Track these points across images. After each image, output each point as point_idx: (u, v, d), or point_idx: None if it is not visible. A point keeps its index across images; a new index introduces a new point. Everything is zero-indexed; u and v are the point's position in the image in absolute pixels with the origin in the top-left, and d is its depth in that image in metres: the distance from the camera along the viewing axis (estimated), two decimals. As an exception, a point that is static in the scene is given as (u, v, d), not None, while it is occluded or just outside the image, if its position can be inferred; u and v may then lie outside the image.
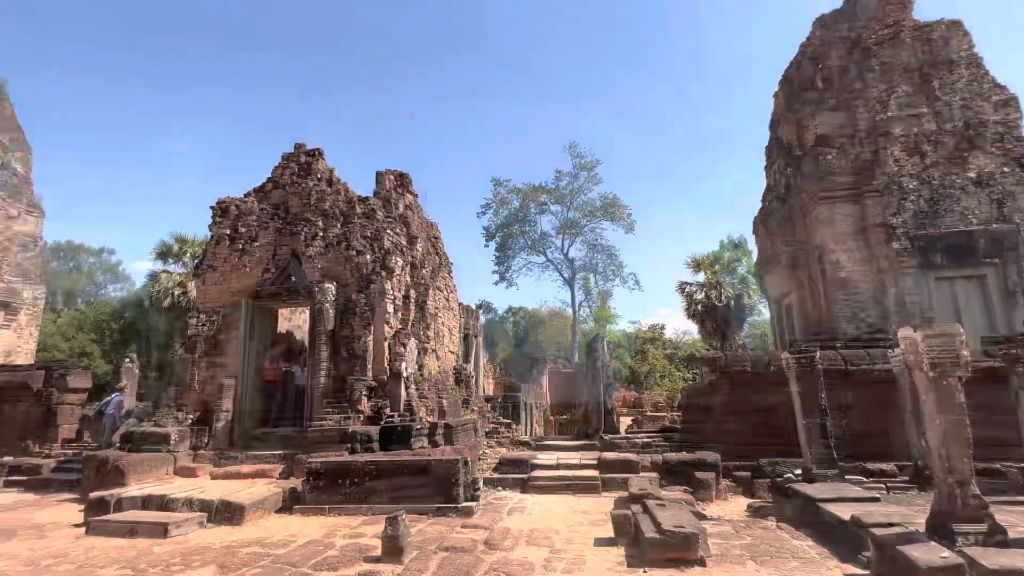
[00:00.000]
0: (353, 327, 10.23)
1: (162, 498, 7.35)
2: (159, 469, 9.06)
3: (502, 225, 38.77)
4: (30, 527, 7.35)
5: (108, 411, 11.60)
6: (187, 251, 31.46)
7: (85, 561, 5.70)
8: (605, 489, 9.16)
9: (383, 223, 11.23)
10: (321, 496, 7.78)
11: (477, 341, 16.73)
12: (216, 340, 10.63)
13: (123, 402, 11.74)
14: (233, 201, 11.60)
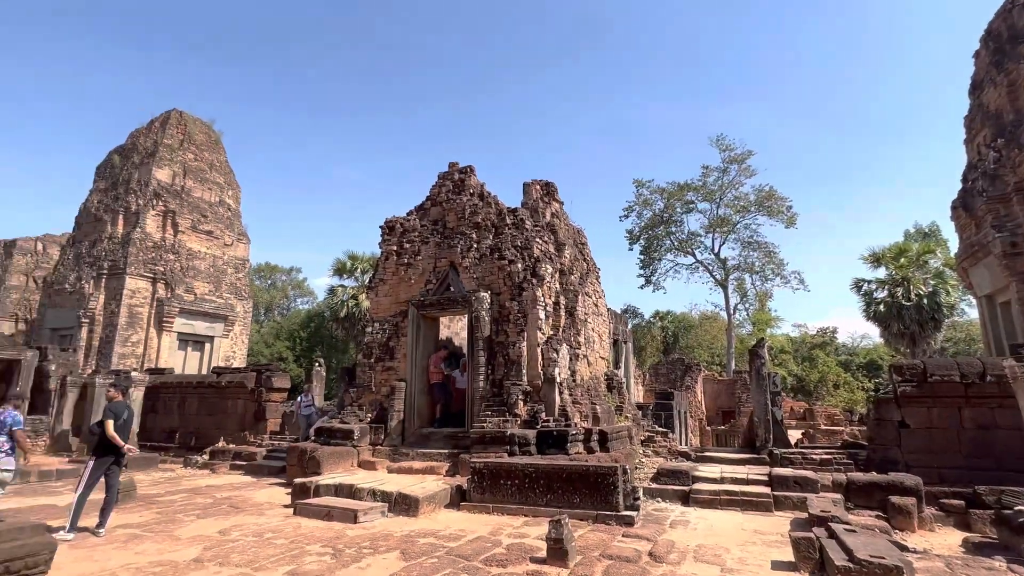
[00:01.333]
0: (508, 333, 10.65)
1: (350, 487, 8.27)
2: (346, 461, 10.22)
3: (646, 227, 37.72)
4: (251, 505, 8.72)
5: (303, 409, 13.36)
6: (358, 267, 35.22)
7: (295, 537, 6.61)
8: (778, 508, 8.41)
9: (532, 232, 11.56)
10: (485, 495, 8.16)
11: (627, 347, 16.42)
12: (388, 346, 11.75)
13: (313, 400, 13.49)
14: (398, 220, 12.75)
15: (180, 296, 25.00)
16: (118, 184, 26.49)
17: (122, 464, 7.21)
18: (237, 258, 29.06)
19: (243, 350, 28.20)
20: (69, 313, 23.77)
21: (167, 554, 5.91)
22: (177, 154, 27.46)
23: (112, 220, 25.39)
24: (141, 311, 23.99)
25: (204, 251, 27.17)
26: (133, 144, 27.81)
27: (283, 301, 50.31)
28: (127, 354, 23.14)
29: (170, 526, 7.21)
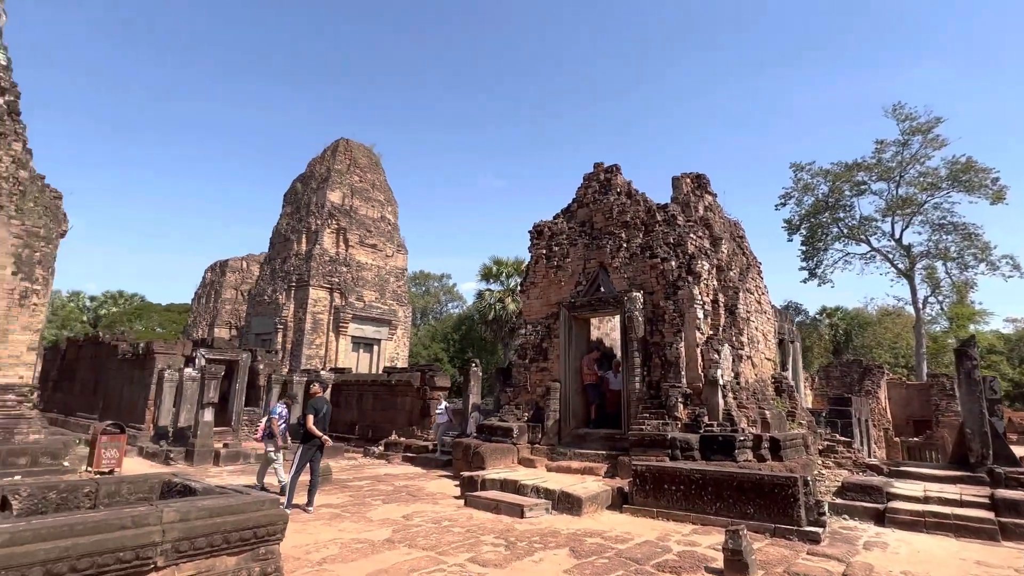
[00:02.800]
0: (663, 334, 10.32)
1: (515, 483, 8.60)
2: (507, 457, 10.65)
3: (808, 214, 34.20)
4: (426, 494, 9.47)
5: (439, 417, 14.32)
6: (503, 271, 36.58)
7: (470, 527, 7.04)
8: (1006, 537, 7.09)
9: (684, 228, 11.09)
10: (648, 499, 7.99)
11: (794, 347, 15.01)
12: (541, 347, 12.04)
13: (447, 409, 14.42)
14: (546, 224, 13.02)
15: (352, 304, 27.99)
16: (300, 208, 30.44)
17: (323, 452, 8.27)
18: (397, 268, 31.77)
19: (405, 352, 30.72)
20: (268, 320, 27.81)
21: (364, 533, 6.64)
22: (345, 177, 30.81)
23: (297, 239, 29.23)
24: (322, 317, 27.28)
25: (370, 263, 30.12)
26: (311, 172, 31.76)
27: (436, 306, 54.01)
28: (312, 355, 26.46)
29: (362, 508, 8.09)
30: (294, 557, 5.48)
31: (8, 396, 10.10)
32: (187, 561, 3.95)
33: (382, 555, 5.73)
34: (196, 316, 37.17)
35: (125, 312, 46.23)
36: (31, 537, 3.26)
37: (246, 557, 4.31)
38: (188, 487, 5.03)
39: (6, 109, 11.56)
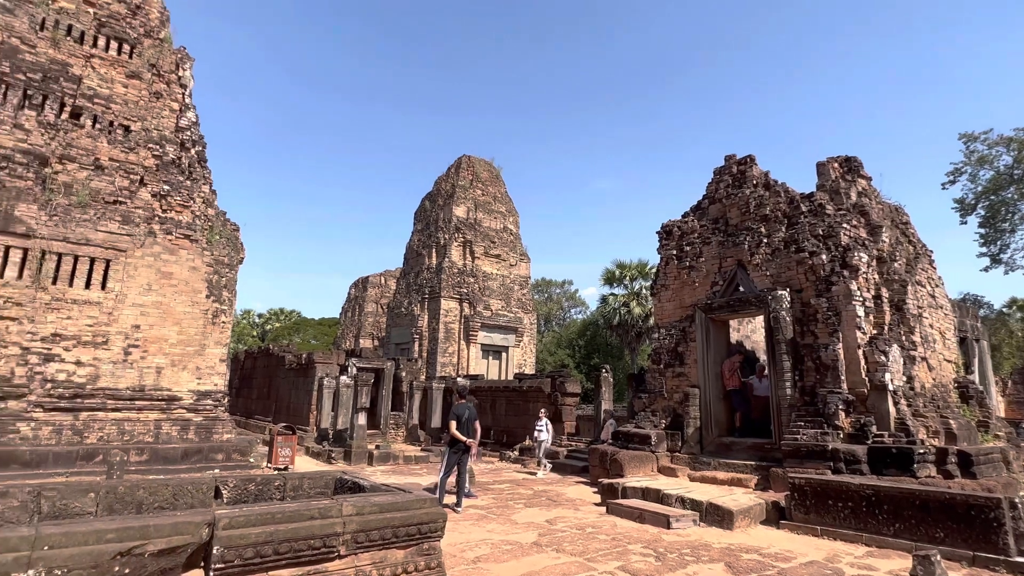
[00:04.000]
0: (816, 334, 9.43)
1: (657, 492, 8.33)
2: (646, 465, 10.36)
3: (986, 191, 29.39)
4: (566, 500, 9.51)
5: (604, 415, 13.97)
6: (626, 275, 35.83)
7: (615, 535, 6.93)
8: None
9: (835, 217, 10.07)
10: (809, 515, 7.31)
11: (980, 346, 12.93)
12: (677, 352, 11.58)
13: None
14: (674, 223, 12.54)
15: (480, 312, 29.07)
16: (429, 224, 32.33)
17: (469, 455, 8.61)
18: (520, 276, 32.47)
19: (531, 358, 31.22)
20: (406, 331, 29.79)
21: (511, 535, 6.82)
22: (468, 192, 32.19)
23: (428, 254, 31.06)
24: (453, 327, 28.66)
25: (495, 272, 31.11)
26: (437, 189, 33.63)
27: (559, 312, 54.29)
28: (446, 363, 27.87)
29: (506, 511, 8.33)
30: (450, 554, 5.77)
31: (207, 401, 11.86)
32: (364, 552, 4.33)
33: (532, 557, 5.84)
34: (344, 328, 40.92)
35: (286, 327, 52.25)
36: (243, 522, 3.78)
37: (412, 551, 4.62)
38: (357, 484, 5.52)
39: (196, 159, 13.67)
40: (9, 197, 10.52)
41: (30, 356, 10.34)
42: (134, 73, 13.15)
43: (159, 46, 13.76)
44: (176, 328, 11.78)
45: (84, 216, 11.16)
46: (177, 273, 11.98)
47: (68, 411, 10.45)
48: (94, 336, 10.94)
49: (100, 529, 3.20)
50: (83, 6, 12.89)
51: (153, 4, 14.15)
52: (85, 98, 12.31)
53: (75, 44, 12.52)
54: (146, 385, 11.28)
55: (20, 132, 11.23)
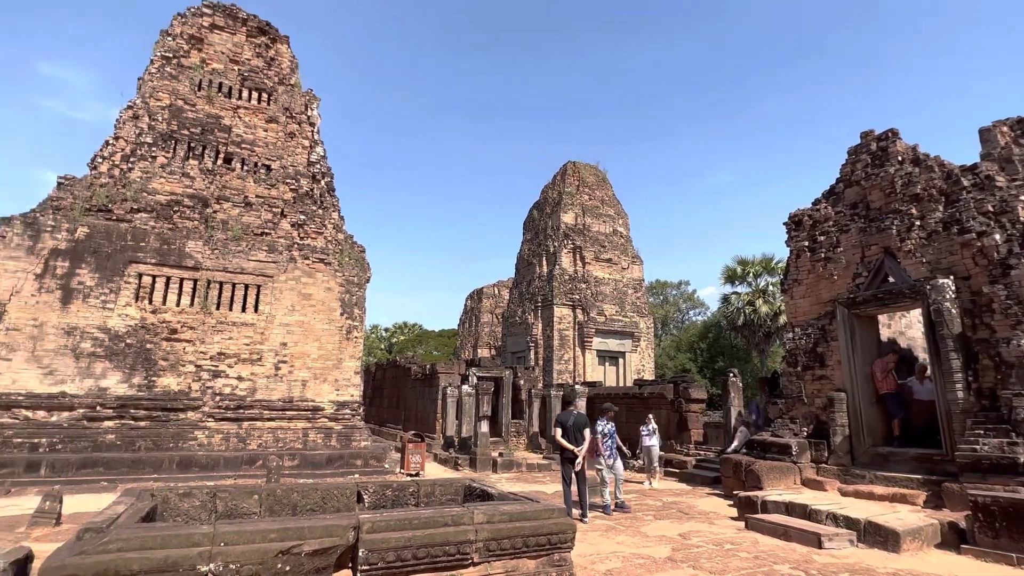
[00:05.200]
0: (993, 327, 8.08)
1: (804, 507, 7.58)
2: (787, 478, 9.51)
3: None
4: (698, 512, 8.98)
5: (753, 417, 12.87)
6: (749, 271, 33.55)
7: (758, 553, 6.39)
8: None
9: (1008, 189, 8.61)
10: (1000, 540, 6.23)
11: None
12: (816, 352, 10.54)
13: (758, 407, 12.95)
14: (804, 212, 11.49)
15: (594, 318, 28.72)
16: (538, 233, 32.64)
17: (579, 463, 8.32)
18: (634, 279, 31.65)
19: (650, 363, 30.22)
20: (521, 339, 30.23)
21: (642, 548, 6.55)
22: (575, 198, 32.06)
23: (538, 262, 31.33)
24: (567, 334, 28.58)
25: (607, 277, 30.61)
26: (544, 198, 33.89)
27: (677, 314, 52.10)
28: (562, 370, 27.82)
29: (635, 523, 8.04)
30: (580, 567, 5.65)
31: (345, 411, 12.85)
32: (496, 560, 4.36)
33: (667, 574, 5.56)
34: (462, 339, 42.49)
35: (409, 339, 55.40)
36: (384, 527, 3.97)
37: (543, 561, 4.58)
38: (485, 492, 5.61)
39: (325, 189, 14.96)
40: (180, 236, 12.23)
41: (202, 373, 11.87)
42: (272, 118, 14.74)
43: (290, 91, 15.32)
44: (316, 344, 12.91)
45: (238, 248, 12.64)
46: (315, 294, 13.15)
47: (233, 420, 11.84)
48: (251, 354, 12.32)
49: (264, 529, 3.53)
50: (229, 64, 14.72)
51: (284, 55, 15.81)
52: (234, 144, 14.01)
53: (224, 98, 14.32)
54: (294, 397, 12.47)
55: (187, 179, 13.03)
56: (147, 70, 13.83)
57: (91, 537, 3.19)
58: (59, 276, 11.10)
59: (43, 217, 11.28)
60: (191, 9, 14.79)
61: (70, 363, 10.92)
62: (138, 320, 11.57)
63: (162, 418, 11.34)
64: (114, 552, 3.02)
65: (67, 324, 11.03)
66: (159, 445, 10.96)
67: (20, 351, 10.63)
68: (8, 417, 10.33)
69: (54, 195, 11.79)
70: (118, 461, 10.35)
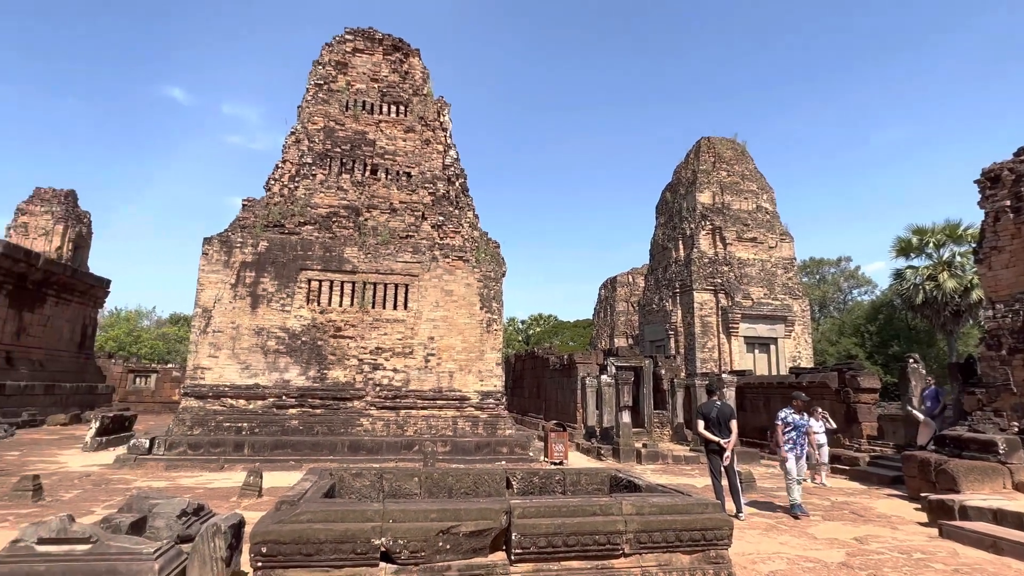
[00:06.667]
0: None
1: (1019, 516, 6.38)
2: (992, 481, 8.08)
3: None
4: (876, 515, 7.99)
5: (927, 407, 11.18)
6: (928, 241, 29.14)
7: (957, 566, 5.52)
8: None
9: None
10: None
11: None
12: None
13: (937, 396, 11.20)
14: (1004, 166, 9.62)
15: (739, 303, 26.82)
16: (672, 216, 31.22)
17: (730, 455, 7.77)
18: (783, 258, 29.00)
19: (807, 350, 27.54)
20: (659, 327, 29.23)
21: (810, 551, 5.99)
22: (712, 176, 30.12)
23: (674, 247, 29.99)
24: (710, 320, 27.03)
25: (752, 258, 28.39)
26: (677, 179, 32.32)
27: (837, 295, 46.78)
28: (706, 359, 26.40)
29: (799, 523, 7.38)
30: (739, 566, 5.32)
31: (489, 400, 13.42)
32: (648, 552, 4.25)
33: (842, 581, 5.02)
34: (598, 329, 42.20)
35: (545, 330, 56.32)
36: (534, 512, 4.06)
37: (699, 558, 4.38)
38: (632, 483, 5.50)
39: (460, 190, 15.69)
40: (339, 244, 13.61)
41: (364, 366, 13.14)
42: (409, 127, 15.79)
43: (424, 100, 16.27)
44: (460, 337, 13.63)
45: (386, 251, 13.76)
46: (456, 290, 13.88)
47: (391, 409, 12.95)
48: (403, 348, 13.36)
49: (426, 509, 3.79)
50: (370, 83, 16.03)
51: (416, 67, 16.82)
52: (378, 156, 15.24)
53: (367, 115, 15.63)
54: (442, 387, 13.30)
55: (341, 192, 14.46)
56: (304, 98, 15.57)
57: (286, 509, 3.68)
58: (248, 284, 12.96)
59: (233, 235, 13.24)
60: (336, 37, 16.34)
61: (260, 359, 12.72)
62: (310, 320, 13.12)
63: (333, 406, 12.75)
64: (304, 523, 3.45)
65: (256, 326, 12.85)
66: (332, 430, 12.35)
67: (224, 350, 12.61)
68: (219, 405, 12.32)
69: (240, 216, 13.78)
70: (301, 444, 11.85)
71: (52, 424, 18.97)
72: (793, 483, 7.85)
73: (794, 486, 7.83)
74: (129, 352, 38.31)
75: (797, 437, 8.09)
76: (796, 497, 7.79)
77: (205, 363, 12.49)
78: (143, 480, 9.54)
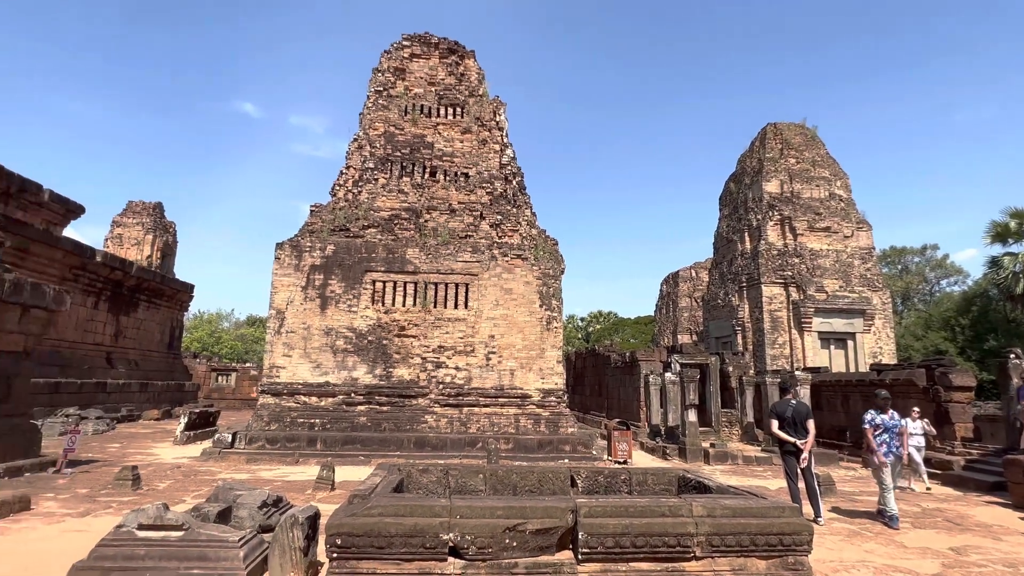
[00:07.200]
0: None
1: None
2: (1114, 488, 7.25)
3: None
4: (974, 524, 7.36)
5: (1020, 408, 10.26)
6: (1030, 225, 26.54)
7: (1075, 583, 5.00)
8: None
9: None
10: None
11: None
12: None
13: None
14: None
15: (812, 296, 25.47)
16: (737, 207, 30.02)
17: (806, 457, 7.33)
18: (860, 248, 27.29)
19: (890, 345, 25.80)
20: (725, 323, 28.21)
21: (899, 560, 5.59)
22: (779, 164, 28.72)
23: (739, 239, 28.83)
24: (780, 315, 25.81)
25: (825, 248, 26.89)
26: (741, 168, 31.04)
27: (922, 286, 43.50)
28: (777, 355, 25.23)
29: (886, 530, 6.91)
30: (821, 573, 5.05)
31: (551, 398, 13.38)
32: (721, 556, 4.10)
33: (938, 594, 4.66)
34: (660, 326, 41.23)
35: (605, 328, 55.61)
36: (601, 512, 4.00)
37: (776, 563, 4.18)
38: (702, 484, 5.32)
39: (517, 188, 15.72)
40: (401, 245, 13.96)
41: (427, 364, 13.42)
42: (466, 128, 15.98)
43: (480, 101, 16.42)
44: (520, 335, 13.67)
45: (446, 251, 13.98)
46: (515, 288, 13.93)
47: (454, 407, 13.16)
48: (464, 346, 13.55)
49: (492, 506, 3.82)
50: (428, 87, 16.34)
51: (472, 68, 17.00)
52: (437, 158, 15.51)
53: (426, 118, 15.94)
54: (504, 385, 13.39)
55: (402, 195, 14.82)
56: (365, 105, 16.07)
57: (358, 503, 3.80)
58: (317, 287, 13.53)
59: (302, 240, 13.85)
60: (394, 44, 16.77)
61: (330, 358, 13.25)
62: (375, 320, 13.53)
63: (399, 404, 13.10)
64: (376, 516, 3.55)
65: (325, 326, 13.39)
66: (398, 427, 12.69)
67: (296, 349, 13.23)
68: (293, 402, 12.94)
69: (308, 221, 14.40)
70: (369, 439, 12.25)
71: (146, 419, 20.56)
72: (888, 491, 7.22)
73: (888, 494, 7.22)
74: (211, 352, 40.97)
75: (890, 440, 7.44)
76: (891, 507, 7.13)
77: (280, 362, 13.15)
78: (227, 472, 10.16)
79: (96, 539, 4.37)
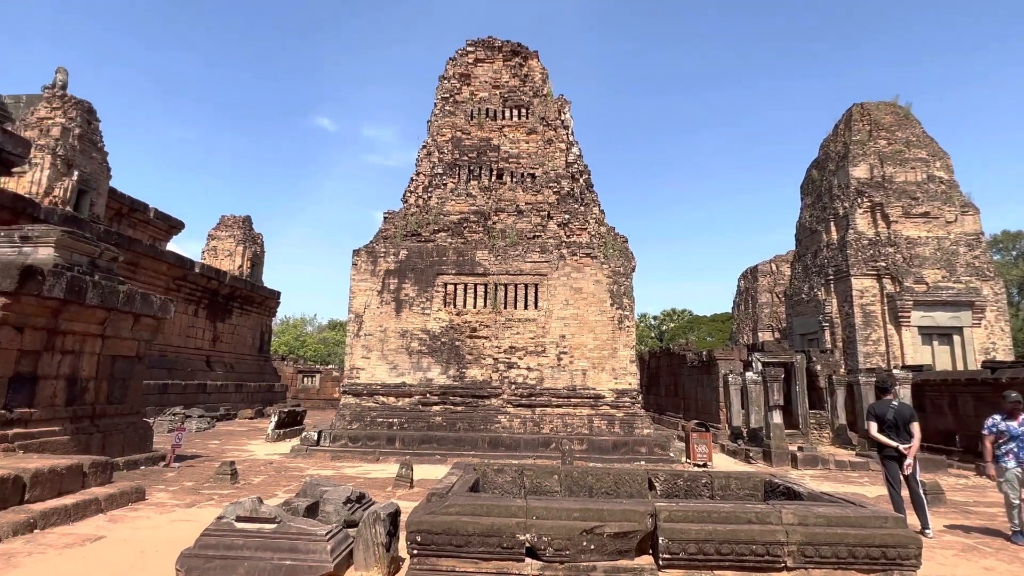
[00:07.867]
0: None
1: None
2: None
3: None
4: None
5: None
6: None
7: None
8: None
9: None
10: None
11: None
12: None
13: None
14: None
15: (910, 288, 23.47)
16: (821, 195, 28.16)
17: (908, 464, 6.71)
18: (966, 234, 24.85)
19: (1005, 340, 23.30)
20: (810, 319, 26.54)
21: (1026, 580, 5.01)
22: (868, 147, 26.69)
23: (824, 229, 27.04)
24: (873, 309, 23.96)
25: (923, 235, 24.70)
26: (824, 154, 29.10)
27: (1044, 274, 38.98)
28: (870, 352, 23.43)
29: (1009, 545, 6.22)
30: (931, 590, 4.60)
31: (624, 399, 13.12)
32: (815, 568, 3.84)
33: (1076, 620, 4.12)
34: (738, 323, 39.43)
35: (679, 326, 53.89)
36: (682, 517, 3.85)
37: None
38: (791, 490, 5.01)
39: (584, 186, 15.55)
40: (470, 248, 14.18)
41: (499, 364, 13.54)
42: (531, 129, 16.00)
43: (544, 101, 16.39)
44: (591, 335, 13.50)
45: (515, 252, 14.05)
46: (585, 288, 13.77)
47: (527, 407, 13.19)
48: (535, 346, 13.55)
49: (568, 508, 3.77)
50: (492, 91, 16.50)
51: (535, 69, 17.00)
52: (503, 160, 15.63)
53: (491, 121, 16.11)
54: (576, 385, 13.27)
55: (470, 198, 15.05)
56: (432, 112, 16.47)
57: (436, 501, 3.87)
58: (392, 291, 14.00)
59: (377, 245, 14.38)
60: (458, 51, 17.07)
61: (405, 359, 13.67)
62: (447, 322, 13.82)
63: (473, 404, 13.30)
64: (453, 515, 3.59)
65: (401, 328, 13.83)
66: (473, 427, 12.89)
67: (374, 351, 13.75)
68: (372, 402, 13.46)
69: (382, 227, 14.94)
70: (445, 439, 12.52)
71: (241, 417, 22.10)
72: (1013, 507, 6.47)
73: (1014, 511, 6.48)
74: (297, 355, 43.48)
75: (1018, 450, 6.52)
76: (1018, 522, 6.46)
77: (359, 364, 13.72)
78: (313, 468, 10.71)
79: (200, 528, 4.72)
